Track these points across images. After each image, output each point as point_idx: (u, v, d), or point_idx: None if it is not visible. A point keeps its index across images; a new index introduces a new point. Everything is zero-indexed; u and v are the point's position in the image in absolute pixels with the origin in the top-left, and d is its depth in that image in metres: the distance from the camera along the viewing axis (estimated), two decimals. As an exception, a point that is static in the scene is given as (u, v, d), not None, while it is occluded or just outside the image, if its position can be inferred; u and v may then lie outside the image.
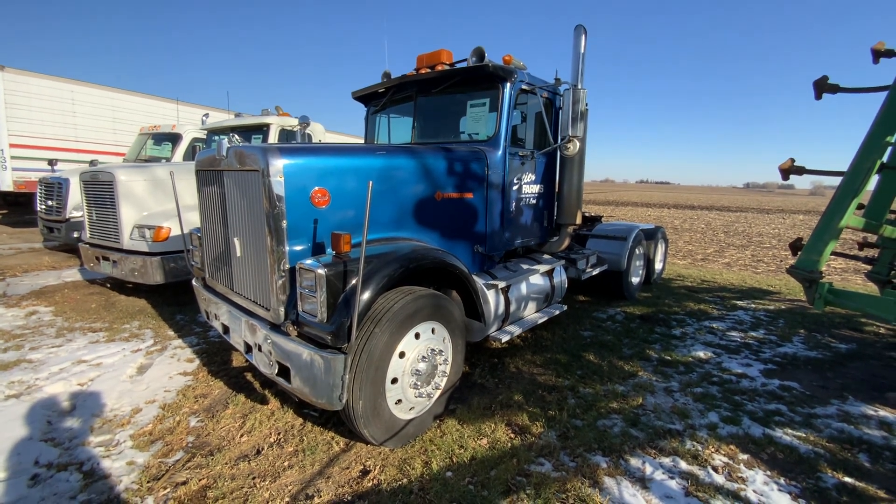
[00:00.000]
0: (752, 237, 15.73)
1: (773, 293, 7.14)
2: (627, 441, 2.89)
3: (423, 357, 2.76)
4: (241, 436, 2.90)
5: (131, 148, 8.98)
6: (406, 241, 3.02)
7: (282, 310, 2.61)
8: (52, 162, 8.77)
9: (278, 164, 2.50)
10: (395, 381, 2.64)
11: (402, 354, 2.65)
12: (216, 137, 3.33)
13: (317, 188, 2.64)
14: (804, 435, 3.01)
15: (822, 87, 3.72)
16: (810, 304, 3.70)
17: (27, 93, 10.64)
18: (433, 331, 2.87)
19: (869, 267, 4.86)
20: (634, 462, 2.69)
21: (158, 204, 5.75)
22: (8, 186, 10.43)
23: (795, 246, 4.04)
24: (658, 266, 7.51)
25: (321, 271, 2.30)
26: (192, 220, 4.18)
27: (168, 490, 2.39)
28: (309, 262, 2.39)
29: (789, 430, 3.06)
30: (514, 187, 3.95)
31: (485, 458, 2.69)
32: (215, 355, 4.12)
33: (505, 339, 3.59)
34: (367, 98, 4.74)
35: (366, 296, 2.39)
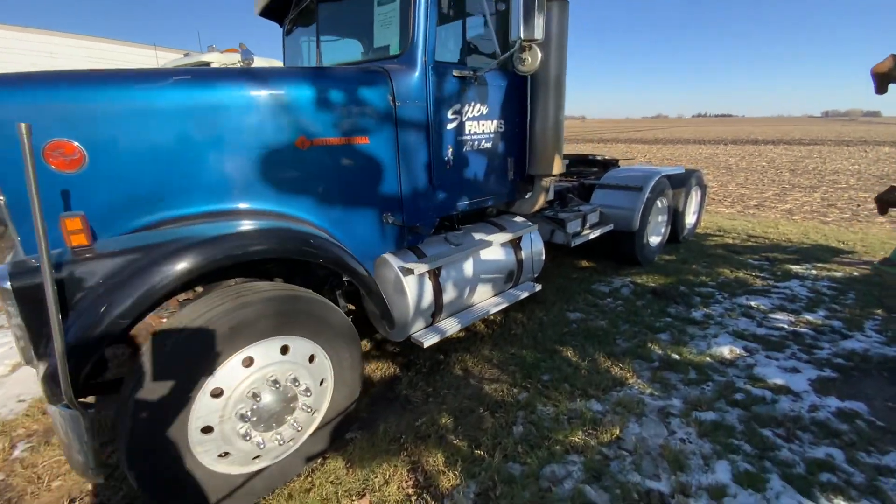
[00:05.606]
0: (825, 176, 13.21)
1: (844, 252, 5.56)
2: (575, 513, 1.92)
3: (256, 394, 1.85)
4: (54, 480, 2.21)
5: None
6: (237, 218, 1.99)
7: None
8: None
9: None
10: (208, 430, 1.77)
11: (216, 393, 1.76)
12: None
13: (54, 141, 1.66)
14: (869, 514, 1.90)
15: None
16: None
17: (6, 48, 10.15)
18: (284, 350, 1.94)
19: None
20: (576, 556, 1.73)
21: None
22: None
23: (885, 200, 2.64)
24: (690, 220, 6.05)
25: (7, 284, 1.38)
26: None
27: None
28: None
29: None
30: (451, 125, 2.74)
31: (350, 537, 1.83)
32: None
33: (430, 342, 2.60)
34: (275, 14, 3.56)
35: (107, 322, 1.47)
